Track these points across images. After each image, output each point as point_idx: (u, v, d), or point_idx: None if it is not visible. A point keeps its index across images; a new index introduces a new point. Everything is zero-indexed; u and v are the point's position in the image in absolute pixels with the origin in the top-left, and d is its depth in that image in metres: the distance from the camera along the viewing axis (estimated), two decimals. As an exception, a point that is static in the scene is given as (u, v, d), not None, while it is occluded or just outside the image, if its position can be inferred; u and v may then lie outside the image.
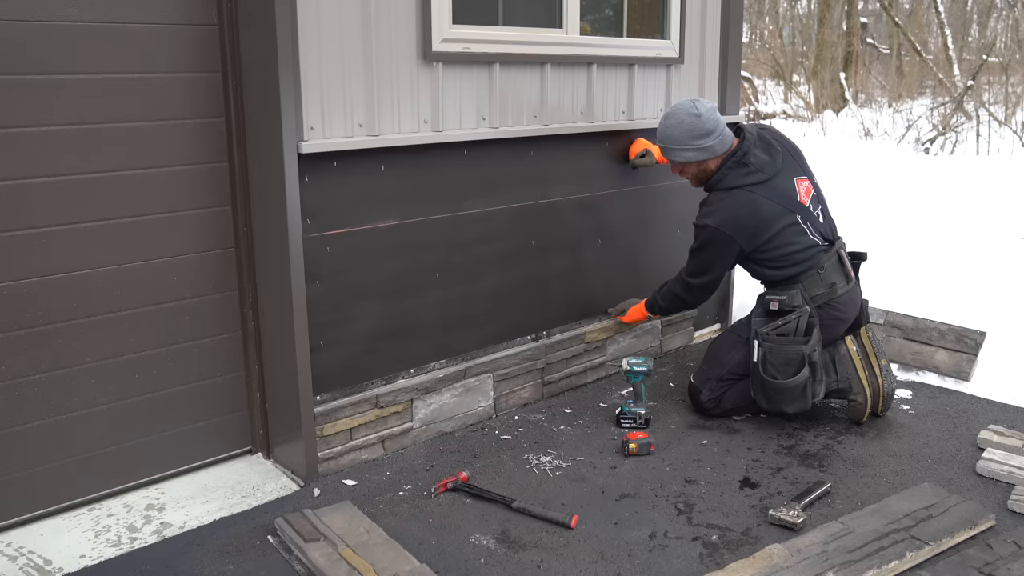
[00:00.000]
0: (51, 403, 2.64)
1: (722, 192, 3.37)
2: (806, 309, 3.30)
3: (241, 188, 2.87)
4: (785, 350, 3.25)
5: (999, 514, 2.71)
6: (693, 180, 3.50)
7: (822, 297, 3.35)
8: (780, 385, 3.25)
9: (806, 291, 3.33)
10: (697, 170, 3.43)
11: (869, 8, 19.78)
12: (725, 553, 2.54)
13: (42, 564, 2.47)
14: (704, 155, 3.37)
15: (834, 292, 3.36)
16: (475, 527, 2.67)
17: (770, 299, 3.36)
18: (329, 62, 2.78)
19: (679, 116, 3.37)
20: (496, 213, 3.38)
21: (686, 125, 3.34)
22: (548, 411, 3.56)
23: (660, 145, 3.47)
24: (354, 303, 3.01)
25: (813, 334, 3.27)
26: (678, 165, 3.47)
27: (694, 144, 3.34)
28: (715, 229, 3.34)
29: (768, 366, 3.27)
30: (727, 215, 3.33)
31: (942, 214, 7.18)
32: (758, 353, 3.31)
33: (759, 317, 3.38)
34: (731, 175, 3.36)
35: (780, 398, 3.28)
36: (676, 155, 3.41)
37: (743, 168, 3.35)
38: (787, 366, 3.25)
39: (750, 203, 3.32)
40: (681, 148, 3.37)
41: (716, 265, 3.45)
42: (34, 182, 2.51)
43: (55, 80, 2.49)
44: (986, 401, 3.63)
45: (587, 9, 3.59)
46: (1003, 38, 16.63)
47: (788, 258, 3.35)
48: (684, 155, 3.38)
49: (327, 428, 2.97)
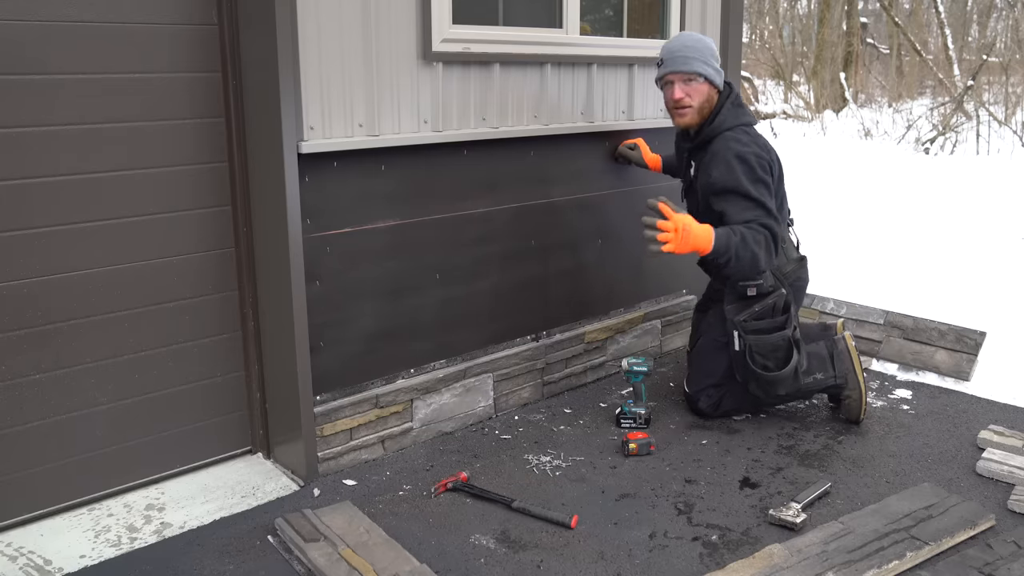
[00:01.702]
0: (51, 403, 2.64)
1: (731, 132, 3.17)
2: (782, 291, 3.23)
3: (241, 188, 2.88)
4: (771, 339, 3.21)
5: (999, 514, 2.71)
6: (694, 111, 3.22)
7: (792, 274, 3.32)
8: (775, 377, 3.24)
9: (776, 269, 3.23)
10: (706, 96, 3.21)
11: (869, 8, 19.77)
12: (725, 553, 2.54)
13: (42, 564, 2.47)
14: (717, 78, 3.21)
15: (802, 266, 3.37)
16: (475, 527, 2.67)
17: (745, 285, 3.21)
18: (329, 62, 2.78)
19: (697, 35, 3.24)
20: (496, 213, 3.38)
21: (707, 42, 3.21)
22: (548, 411, 3.56)
23: (680, 55, 3.18)
24: (354, 303, 3.01)
25: (790, 312, 3.24)
26: (689, 83, 3.18)
27: (714, 63, 3.20)
28: (756, 156, 3.11)
29: (757, 357, 3.22)
30: (753, 145, 3.14)
31: (942, 214, 7.19)
32: (740, 344, 3.24)
33: (732, 304, 3.25)
34: (733, 113, 3.21)
35: (776, 385, 3.27)
36: (699, 66, 3.16)
37: (741, 108, 3.26)
38: (775, 353, 3.22)
39: (759, 135, 3.22)
40: (704, 61, 3.18)
41: (771, 200, 3.12)
42: (34, 182, 2.51)
43: (55, 80, 2.49)
44: (986, 401, 3.63)
45: (587, 9, 3.59)
46: (1003, 38, 16.62)
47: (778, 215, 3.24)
48: (707, 69, 3.18)
49: (327, 428, 2.97)
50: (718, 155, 3.16)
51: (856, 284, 4.80)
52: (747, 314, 3.23)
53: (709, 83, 3.22)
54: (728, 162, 3.12)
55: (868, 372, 3.94)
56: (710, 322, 3.49)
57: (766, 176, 3.14)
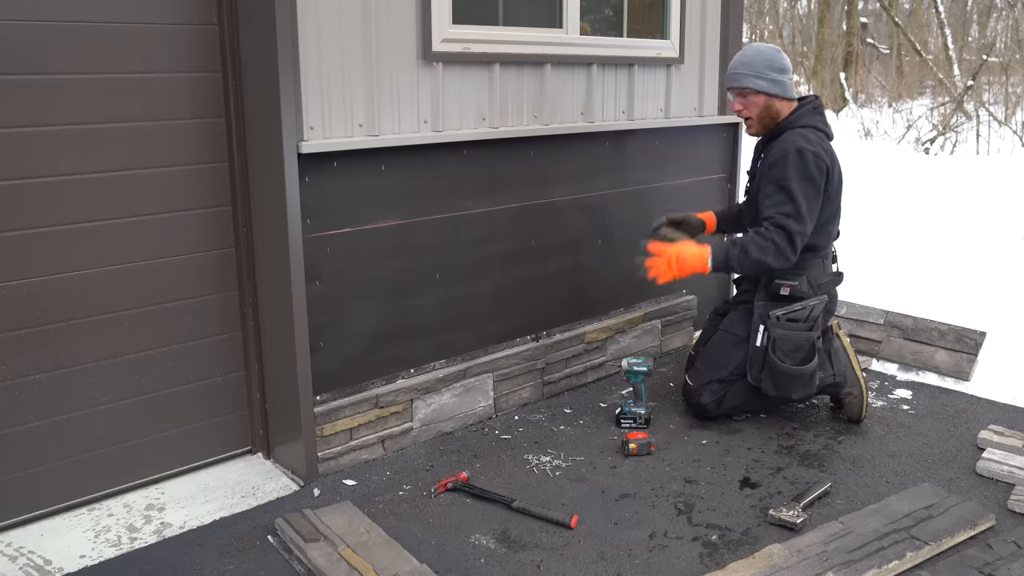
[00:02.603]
0: (51, 403, 2.64)
1: (803, 129, 3.22)
2: (824, 297, 3.29)
3: (241, 188, 2.87)
4: (796, 337, 3.23)
5: (999, 514, 2.71)
6: (755, 122, 3.32)
7: (826, 287, 3.34)
8: (791, 371, 3.23)
9: (812, 279, 3.30)
10: (764, 106, 3.27)
11: (869, 8, 19.78)
12: (725, 553, 2.54)
13: (42, 564, 2.47)
14: (775, 89, 3.24)
15: (837, 281, 3.39)
16: (475, 527, 2.67)
17: (780, 283, 3.28)
18: (329, 62, 2.78)
19: (759, 47, 3.27)
20: (496, 213, 3.38)
21: (766, 55, 3.25)
22: (548, 411, 3.56)
23: (733, 72, 3.28)
24: (354, 303, 3.01)
25: (818, 321, 3.27)
26: (745, 96, 3.28)
27: (770, 75, 3.23)
28: (814, 155, 3.14)
29: (778, 351, 3.23)
30: (818, 146, 3.18)
31: (942, 214, 7.19)
32: (764, 337, 3.26)
33: (764, 302, 3.31)
34: (809, 117, 3.27)
35: (789, 383, 3.26)
36: (749, 81, 3.23)
37: (820, 116, 3.30)
38: (797, 352, 3.23)
39: (828, 144, 3.26)
40: (756, 75, 3.23)
41: (812, 202, 3.16)
42: (34, 182, 2.51)
43: (55, 80, 2.49)
44: (986, 401, 3.63)
45: (587, 9, 3.59)
46: (1003, 38, 16.63)
47: (827, 227, 3.28)
48: (758, 83, 3.23)
49: (327, 428, 2.97)
50: (780, 146, 3.23)
51: (856, 284, 4.80)
52: (784, 311, 3.24)
53: (766, 95, 3.26)
54: (786, 153, 3.18)
55: (868, 372, 3.94)
56: (732, 318, 3.46)
57: (818, 176, 3.16)
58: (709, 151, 4.23)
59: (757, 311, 3.31)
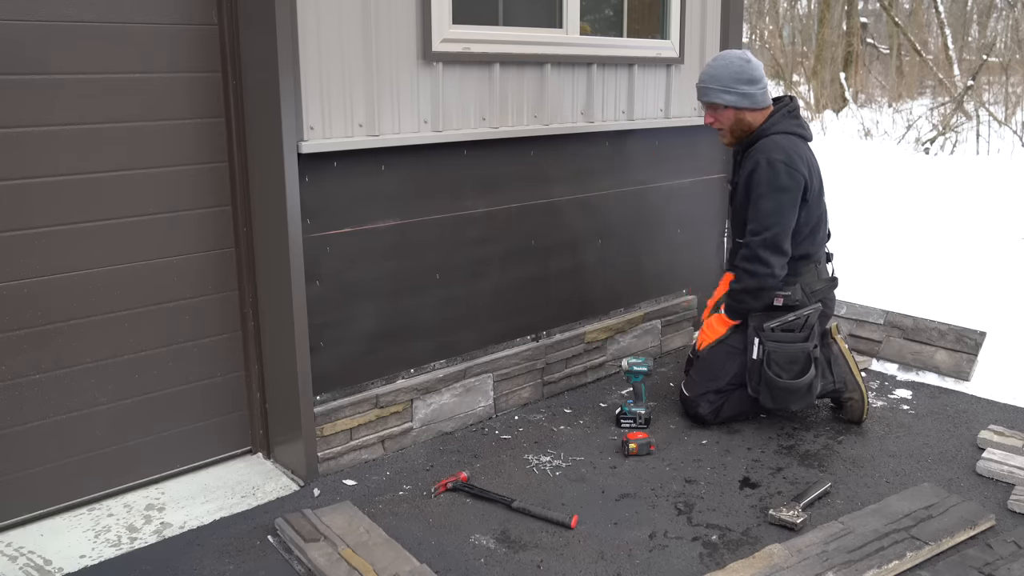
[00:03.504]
0: (51, 403, 2.64)
1: (776, 136, 3.23)
2: (818, 306, 3.28)
3: (241, 188, 2.87)
4: (790, 349, 3.23)
5: (999, 514, 2.71)
6: (727, 133, 3.34)
7: (821, 292, 3.34)
8: (787, 385, 3.23)
9: (806, 286, 3.31)
10: (734, 119, 3.28)
11: (869, 8, 19.78)
12: (725, 553, 2.54)
13: (42, 564, 2.47)
14: (744, 102, 3.24)
15: (833, 285, 3.39)
16: (475, 527, 2.67)
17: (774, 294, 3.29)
18: (329, 62, 2.78)
19: (728, 58, 3.26)
20: (496, 213, 3.38)
21: (734, 67, 3.23)
22: (548, 411, 3.56)
23: (701, 86, 3.30)
24: (354, 303, 3.01)
25: (814, 330, 3.26)
26: (714, 111, 3.30)
27: (738, 88, 3.22)
28: (786, 165, 3.15)
29: (773, 365, 3.23)
30: (793, 154, 3.18)
31: (942, 214, 7.19)
32: (759, 351, 3.26)
33: (758, 313, 3.30)
34: (784, 122, 3.26)
35: (787, 397, 3.26)
36: (717, 96, 3.25)
37: (795, 120, 3.28)
38: (792, 364, 3.23)
39: (808, 150, 3.25)
40: (724, 90, 3.23)
41: (786, 213, 3.18)
42: (34, 182, 2.51)
43: (55, 80, 2.49)
44: (986, 401, 3.63)
45: (587, 9, 3.59)
46: (1003, 38, 16.62)
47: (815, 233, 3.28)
48: (725, 98, 3.24)
49: (327, 428, 2.97)
50: (753, 156, 3.26)
51: (856, 284, 4.80)
52: (777, 322, 3.24)
53: (735, 108, 3.26)
54: (757, 164, 3.22)
55: (868, 372, 3.94)
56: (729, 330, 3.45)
57: (791, 185, 3.18)
58: (709, 151, 4.23)
59: (752, 323, 3.29)
